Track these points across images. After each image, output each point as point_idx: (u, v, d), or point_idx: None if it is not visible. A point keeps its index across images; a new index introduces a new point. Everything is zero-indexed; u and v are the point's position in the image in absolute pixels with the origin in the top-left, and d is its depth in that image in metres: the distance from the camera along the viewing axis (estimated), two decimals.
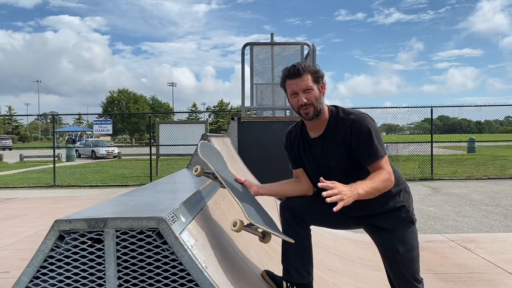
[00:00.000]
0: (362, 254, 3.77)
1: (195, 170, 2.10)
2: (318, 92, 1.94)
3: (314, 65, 2.00)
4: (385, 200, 2.00)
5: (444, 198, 8.36)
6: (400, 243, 2.03)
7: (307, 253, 2.10)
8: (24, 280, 1.50)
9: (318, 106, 1.94)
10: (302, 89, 1.92)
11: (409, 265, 2.05)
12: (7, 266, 3.94)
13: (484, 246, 4.23)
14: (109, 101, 64.69)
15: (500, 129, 34.99)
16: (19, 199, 8.90)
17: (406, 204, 2.05)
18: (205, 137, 3.61)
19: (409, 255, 2.04)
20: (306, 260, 2.10)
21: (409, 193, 2.11)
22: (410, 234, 2.05)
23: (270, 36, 7.70)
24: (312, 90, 1.92)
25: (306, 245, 2.10)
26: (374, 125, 1.94)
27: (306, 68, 1.93)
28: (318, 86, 1.95)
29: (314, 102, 1.92)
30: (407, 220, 2.05)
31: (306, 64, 1.97)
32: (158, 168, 14.36)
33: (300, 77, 1.92)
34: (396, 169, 2.09)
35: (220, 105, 65.98)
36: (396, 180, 2.02)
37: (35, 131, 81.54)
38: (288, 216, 2.12)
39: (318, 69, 1.97)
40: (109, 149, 25.63)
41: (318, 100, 1.93)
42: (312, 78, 1.93)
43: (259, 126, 5.71)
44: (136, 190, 2.31)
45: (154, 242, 1.50)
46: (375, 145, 1.89)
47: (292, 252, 2.08)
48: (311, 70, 1.94)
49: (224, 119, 52.00)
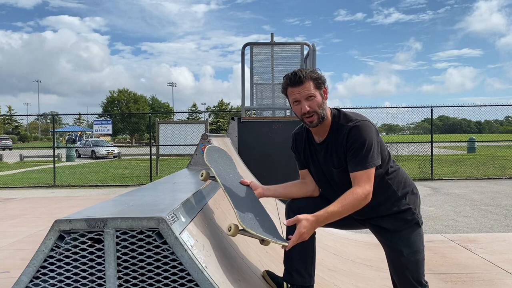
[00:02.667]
0: (362, 254, 3.77)
1: (200, 175, 2.17)
2: (320, 99, 1.91)
3: (315, 71, 1.95)
4: (390, 202, 2.00)
5: (444, 198, 8.36)
6: (405, 245, 2.01)
7: (309, 255, 2.09)
8: (24, 280, 1.50)
9: (321, 113, 1.90)
10: (304, 97, 1.88)
11: (414, 268, 2.02)
12: (7, 266, 3.94)
13: (484, 246, 4.23)
14: (109, 101, 64.70)
15: (500, 129, 35.02)
16: (19, 199, 8.90)
17: (412, 207, 2.03)
18: (205, 137, 3.61)
19: (414, 257, 2.01)
20: (309, 262, 2.09)
21: (417, 195, 2.09)
22: (415, 236, 2.03)
23: (270, 36, 7.70)
24: (314, 97, 1.89)
25: (309, 247, 2.09)
26: (372, 134, 1.88)
27: (307, 75, 1.89)
28: (320, 92, 1.91)
29: (317, 109, 1.89)
30: (413, 222, 2.03)
31: (307, 70, 1.92)
32: (158, 168, 14.36)
33: (301, 85, 1.88)
34: (403, 171, 2.08)
35: (220, 105, 65.98)
36: (403, 182, 2.02)
37: (35, 131, 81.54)
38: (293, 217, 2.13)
39: (320, 75, 1.93)
40: (109, 149, 25.62)
41: (321, 106, 1.90)
42: (314, 84, 1.89)
43: (259, 126, 5.70)
44: (136, 190, 2.31)
45: (154, 242, 1.50)
46: (363, 155, 1.85)
47: (294, 253, 2.07)
48: (313, 77, 1.90)
49: (224, 119, 52.02)
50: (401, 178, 2.03)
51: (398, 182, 2.02)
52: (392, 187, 2.00)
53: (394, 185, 2.01)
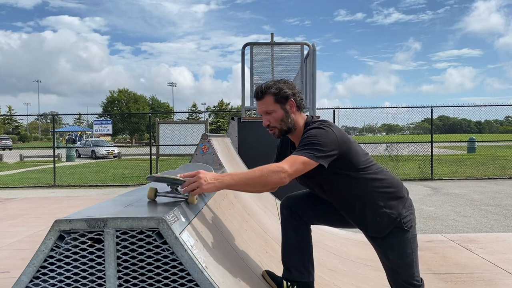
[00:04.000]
0: (362, 254, 3.77)
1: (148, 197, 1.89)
2: (282, 113, 1.93)
3: (278, 85, 1.93)
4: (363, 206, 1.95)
5: (444, 198, 8.36)
6: (390, 249, 1.98)
7: (306, 250, 2.10)
8: (24, 280, 1.50)
9: (282, 127, 1.95)
10: (264, 112, 1.95)
11: (403, 271, 2.00)
12: (7, 266, 3.94)
13: (484, 246, 4.23)
14: (109, 101, 64.71)
15: (500, 129, 35.03)
16: (19, 199, 8.90)
17: (389, 211, 1.93)
18: (205, 137, 3.61)
19: (401, 262, 1.98)
20: (306, 258, 2.09)
21: (402, 199, 1.98)
22: (400, 241, 1.96)
23: (270, 36, 7.70)
24: (273, 111, 1.93)
25: (305, 243, 2.11)
26: (320, 131, 1.83)
27: (267, 90, 1.92)
28: (282, 106, 1.93)
29: (277, 124, 1.94)
30: (393, 227, 1.94)
31: (270, 85, 1.94)
32: (158, 168, 14.34)
33: (262, 100, 1.94)
34: (389, 175, 2.01)
35: (220, 105, 65.98)
36: (384, 187, 1.95)
37: (35, 131, 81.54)
38: (286, 214, 2.14)
39: (281, 89, 1.92)
40: (109, 149, 25.63)
41: (282, 121, 1.93)
42: (274, 99, 1.92)
43: (259, 126, 5.69)
44: (136, 190, 2.31)
45: (154, 242, 1.50)
46: (304, 145, 1.81)
47: (290, 249, 2.09)
48: (273, 92, 1.92)
49: (224, 119, 52.01)
50: (380, 183, 1.95)
51: (374, 187, 1.94)
52: (366, 192, 1.93)
53: (368, 190, 1.93)
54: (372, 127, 27.40)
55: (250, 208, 3.13)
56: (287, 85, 1.96)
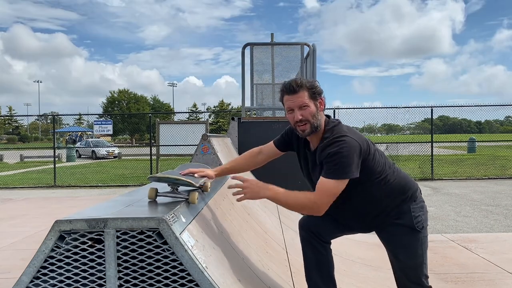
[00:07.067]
0: (362, 254, 3.77)
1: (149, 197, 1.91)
2: (314, 109, 1.91)
3: (312, 81, 1.95)
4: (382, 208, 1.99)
5: (444, 198, 8.36)
6: (401, 249, 1.99)
7: (325, 268, 2.11)
8: (25, 280, 1.50)
9: (314, 123, 1.91)
10: (298, 106, 1.90)
11: (411, 272, 2.01)
12: (7, 266, 3.94)
13: (485, 246, 4.23)
14: (110, 101, 64.69)
15: (500, 129, 35.04)
16: (20, 199, 8.91)
17: (401, 212, 1.98)
18: (205, 138, 3.61)
19: (411, 262, 1.99)
20: (325, 275, 2.10)
21: (414, 201, 2.03)
22: (411, 241, 1.98)
23: (269, 36, 7.70)
24: (308, 107, 1.90)
25: (324, 261, 2.11)
26: (347, 149, 1.82)
27: (303, 84, 1.90)
28: (315, 102, 1.92)
29: (310, 119, 1.90)
30: (406, 227, 1.98)
31: (304, 80, 1.93)
32: (159, 168, 14.34)
33: (296, 94, 1.90)
34: (404, 176, 2.04)
35: (221, 105, 65.98)
36: (401, 187, 1.99)
37: (35, 131, 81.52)
38: (305, 235, 2.15)
39: (316, 85, 1.93)
40: (110, 149, 25.63)
41: (314, 116, 1.91)
42: (309, 94, 1.90)
43: (259, 126, 5.70)
44: (137, 190, 2.31)
45: (155, 242, 1.50)
46: (331, 167, 1.82)
47: (311, 267, 2.10)
48: (308, 86, 1.91)
49: (225, 119, 52.01)
50: (396, 185, 1.98)
51: (388, 189, 1.97)
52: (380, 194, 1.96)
53: (382, 193, 1.96)
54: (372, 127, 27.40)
55: (250, 208, 3.13)
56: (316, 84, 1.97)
